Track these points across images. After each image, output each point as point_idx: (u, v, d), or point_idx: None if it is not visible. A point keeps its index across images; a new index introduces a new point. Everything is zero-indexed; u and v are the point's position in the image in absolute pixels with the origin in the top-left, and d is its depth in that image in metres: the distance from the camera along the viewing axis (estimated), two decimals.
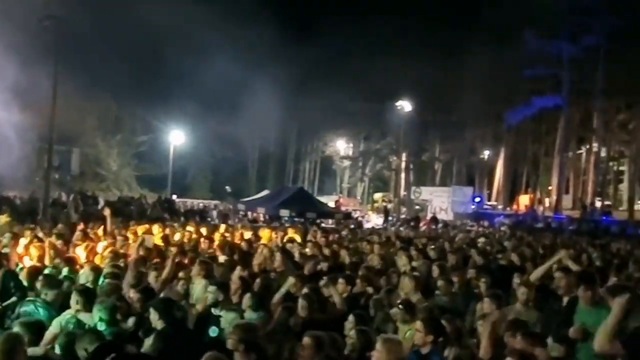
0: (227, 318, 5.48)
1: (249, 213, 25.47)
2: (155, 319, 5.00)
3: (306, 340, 4.18)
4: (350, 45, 44.22)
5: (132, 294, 5.74)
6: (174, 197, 35.56)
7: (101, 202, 22.92)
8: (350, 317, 5.09)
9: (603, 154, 47.71)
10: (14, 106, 21.70)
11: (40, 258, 7.77)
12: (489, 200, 49.98)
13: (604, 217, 36.27)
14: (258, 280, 6.78)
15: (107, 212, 11.44)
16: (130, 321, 5.26)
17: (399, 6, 44.24)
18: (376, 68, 42.68)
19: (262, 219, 23.62)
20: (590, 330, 4.27)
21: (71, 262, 7.66)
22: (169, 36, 37.15)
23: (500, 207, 46.94)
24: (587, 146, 49.88)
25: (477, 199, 43.68)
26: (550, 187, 48.43)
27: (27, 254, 8.06)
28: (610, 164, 49.85)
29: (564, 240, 18.31)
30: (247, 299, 5.82)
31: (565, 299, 5.15)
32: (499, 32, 43.42)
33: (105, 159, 43.04)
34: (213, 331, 5.49)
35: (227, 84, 38.43)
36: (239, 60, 38.26)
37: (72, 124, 30.61)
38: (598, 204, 43.06)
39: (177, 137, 40.56)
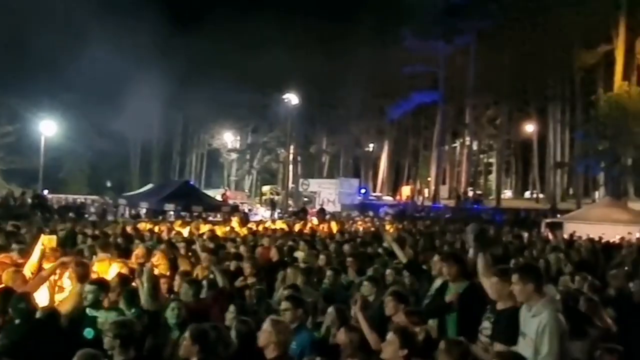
0: (106, 318, 5.13)
1: (128, 208, 24.25)
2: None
3: (188, 333, 4.07)
4: (238, 38, 43.62)
5: None
6: (45, 192, 32.85)
7: None
8: (231, 307, 5.09)
9: (475, 147, 51.64)
10: None
11: None
12: (374, 191, 51.98)
13: (475, 206, 39.20)
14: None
15: None
16: None
17: (287, 0, 44.39)
18: (263, 61, 42.52)
19: (144, 213, 22.56)
20: None
21: None
22: (41, 20, 34.34)
23: (384, 197, 48.99)
24: (461, 140, 53.73)
25: (363, 190, 45.19)
26: (429, 178, 51.51)
27: None
28: (481, 156, 54.14)
29: (441, 227, 19.60)
30: (122, 297, 5.60)
31: (439, 281, 5.47)
32: (380, 30, 45.30)
33: None
34: (88, 333, 5.13)
35: (107, 73, 36.29)
36: (121, 49, 36.28)
37: None
38: (470, 193, 46.47)
39: (48, 128, 37.41)
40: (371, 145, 56.03)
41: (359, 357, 3.84)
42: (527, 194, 53.02)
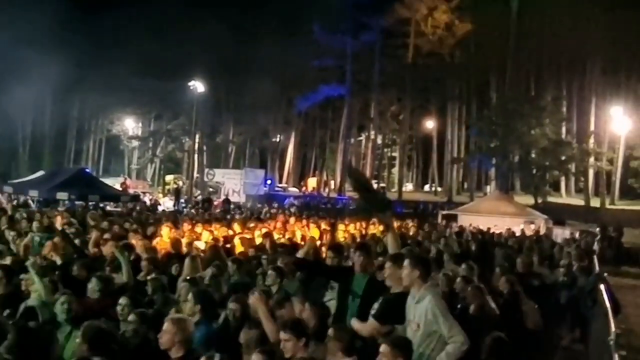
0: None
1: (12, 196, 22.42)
2: None
3: (81, 332, 3.87)
4: (143, 22, 41.52)
5: None
6: None
7: None
8: (122, 300, 4.88)
9: (379, 140, 53.29)
10: None
11: None
12: (280, 183, 52.05)
13: None
14: None
15: None
16: None
17: None
18: (169, 48, 41.01)
19: (32, 203, 20.94)
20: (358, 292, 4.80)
21: None
22: None
23: (290, 188, 49.23)
24: (366, 133, 55.23)
25: (269, 181, 45.09)
26: (335, 170, 52.45)
27: None
28: (385, 150, 55.98)
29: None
30: None
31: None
32: (291, 22, 45.30)
33: None
34: None
35: None
36: (12, 27, 33.35)
37: None
38: (375, 186, 47.88)
39: None
40: (278, 136, 56.03)
41: (261, 352, 3.78)
42: (427, 187, 55.62)
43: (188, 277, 6.07)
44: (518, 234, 17.36)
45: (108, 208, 20.22)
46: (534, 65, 44.85)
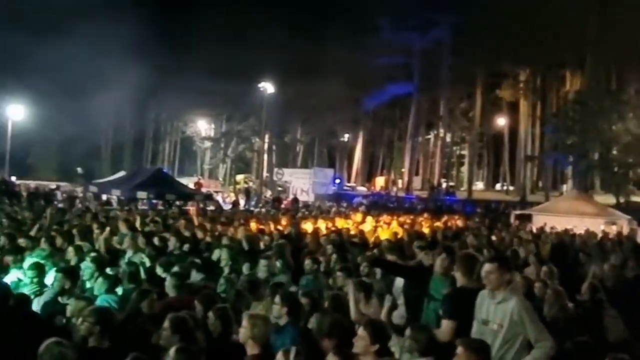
0: (76, 307, 5.09)
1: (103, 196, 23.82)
2: None
3: (167, 322, 4.08)
4: (215, 26, 42.90)
5: None
6: (13, 178, 32.07)
7: None
8: (196, 302, 5.03)
9: (448, 139, 52.24)
10: None
11: None
12: (348, 182, 52.17)
13: (448, 197, 39.73)
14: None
15: None
16: None
17: None
18: (239, 50, 42.12)
19: (115, 202, 22.20)
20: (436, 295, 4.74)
21: None
22: (11, 5, 33.30)
23: (359, 187, 49.22)
24: (435, 131, 54.28)
25: (337, 181, 45.31)
26: (403, 169, 51.94)
27: None
28: (454, 148, 54.81)
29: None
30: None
31: None
32: (357, 20, 45.26)
33: None
34: (59, 320, 5.10)
35: (79, 58, 35.43)
36: (94, 35, 35.46)
37: None
38: (444, 184, 47.04)
39: (16, 112, 36.45)
40: (346, 135, 56.14)
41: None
42: (498, 186, 53.94)
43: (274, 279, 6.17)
44: (599, 235, 16.54)
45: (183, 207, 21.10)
46: (616, 57, 42.36)
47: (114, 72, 37.81)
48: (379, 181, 51.97)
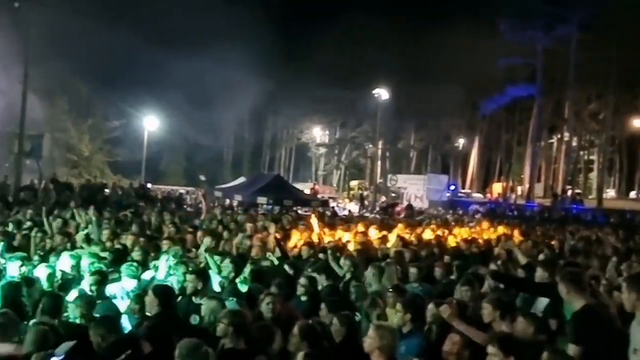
0: (208, 306, 5.42)
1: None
2: (153, 304, 5.02)
3: (296, 329, 4.20)
4: (329, 35, 43.90)
5: None
6: (149, 185, 34.99)
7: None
8: (322, 305, 5.13)
9: (574, 143, 48.74)
10: None
11: None
12: (463, 188, 50.63)
13: (574, 206, 37.05)
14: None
15: None
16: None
17: None
18: (354, 57, 42.67)
19: (236, 206, 23.38)
20: None
21: None
22: (143, 22, 36.54)
23: (474, 194, 47.56)
24: (559, 135, 50.90)
25: (452, 187, 44.16)
26: (522, 176, 49.32)
27: None
28: (581, 153, 50.99)
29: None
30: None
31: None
32: (474, 21, 43.81)
33: (76, 145, 42.08)
34: (194, 319, 5.45)
35: (201, 70, 37.95)
36: (215, 46, 37.81)
37: (42, 108, 29.90)
38: (569, 192, 43.98)
39: (151, 123, 39.85)
40: (461, 140, 54.59)
41: None
42: (633, 194, 49.30)
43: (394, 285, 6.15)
44: None
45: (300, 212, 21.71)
46: None
47: (236, 84, 40.02)
48: (497, 188, 49.81)
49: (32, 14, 18.94)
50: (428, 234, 11.49)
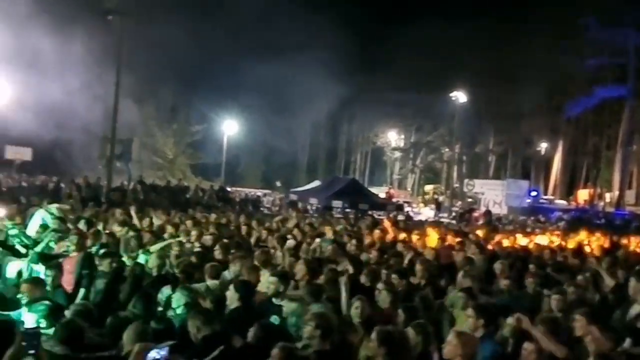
0: (289, 308, 5.54)
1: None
2: (234, 298, 5.25)
3: (375, 335, 4.20)
4: (404, 37, 43.51)
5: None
6: (229, 189, 36.20)
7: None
8: (400, 311, 5.08)
9: None
10: (79, 98, 22.75)
11: None
12: (545, 194, 48.47)
13: None
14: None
15: None
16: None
17: None
18: (429, 59, 42.01)
19: (310, 209, 23.67)
20: None
21: None
22: (224, 31, 37.87)
23: (557, 201, 45.40)
24: None
25: (534, 193, 42.41)
26: (612, 181, 46.51)
27: None
28: None
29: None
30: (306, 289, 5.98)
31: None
32: (557, 20, 41.88)
33: (161, 148, 44.24)
34: (275, 320, 5.59)
35: (279, 75, 38.78)
36: (291, 52, 38.55)
37: (131, 114, 31.72)
38: None
39: (230, 127, 41.22)
40: (543, 144, 52.29)
41: None
42: None
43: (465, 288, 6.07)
44: None
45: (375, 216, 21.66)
46: None
47: (312, 89, 40.53)
48: (582, 194, 47.27)
49: (123, 26, 20.15)
50: (508, 241, 11.11)
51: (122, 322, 4.47)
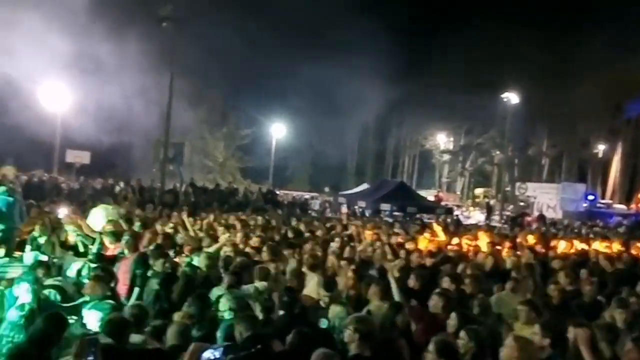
0: (333, 311, 5.55)
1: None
2: (279, 307, 5.42)
3: (432, 345, 4.06)
4: (454, 38, 42.79)
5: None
6: (278, 192, 36.60)
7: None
8: (453, 315, 4.95)
9: None
10: (135, 103, 23.56)
11: None
12: (603, 198, 46.54)
13: None
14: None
15: None
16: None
17: None
18: (480, 61, 41.16)
19: (358, 212, 23.60)
20: None
21: None
22: (273, 35, 38.37)
23: (616, 205, 43.54)
24: None
25: (591, 197, 40.78)
26: None
27: None
28: None
29: None
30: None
31: None
32: (618, 16, 40.15)
33: (212, 151, 45.16)
34: (323, 323, 5.61)
35: (327, 78, 38.92)
36: (340, 54, 38.65)
37: (184, 118, 32.58)
38: None
39: (278, 131, 41.66)
40: (600, 146, 50.26)
41: None
42: None
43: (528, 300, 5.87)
44: None
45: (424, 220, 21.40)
46: None
47: (361, 92, 40.49)
48: None
49: (177, 33, 20.75)
50: (563, 246, 10.74)
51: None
